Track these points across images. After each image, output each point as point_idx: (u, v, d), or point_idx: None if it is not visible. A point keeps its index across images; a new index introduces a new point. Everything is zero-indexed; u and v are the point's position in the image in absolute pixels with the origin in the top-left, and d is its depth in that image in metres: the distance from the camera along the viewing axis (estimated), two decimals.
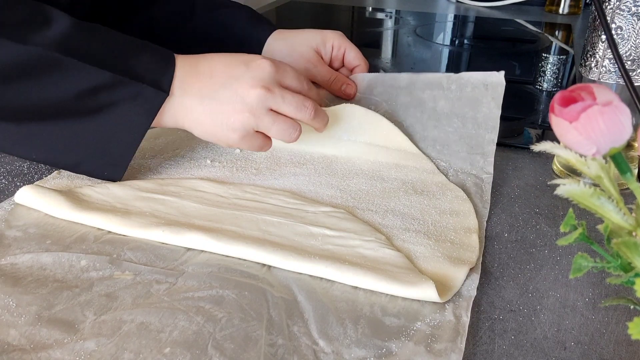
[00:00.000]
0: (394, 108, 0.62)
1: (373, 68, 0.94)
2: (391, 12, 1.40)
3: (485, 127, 0.58)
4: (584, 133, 0.24)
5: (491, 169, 0.55)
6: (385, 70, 0.92)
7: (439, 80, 0.62)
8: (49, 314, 0.36)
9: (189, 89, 0.49)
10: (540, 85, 0.88)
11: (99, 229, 0.45)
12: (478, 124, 0.58)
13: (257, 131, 0.50)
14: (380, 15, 1.37)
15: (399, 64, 0.96)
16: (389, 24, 1.28)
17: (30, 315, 0.36)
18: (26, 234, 0.44)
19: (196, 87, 0.49)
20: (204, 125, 0.50)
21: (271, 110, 0.50)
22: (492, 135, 0.57)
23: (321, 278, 0.40)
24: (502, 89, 0.59)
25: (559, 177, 0.57)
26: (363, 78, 0.66)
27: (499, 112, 0.58)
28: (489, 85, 0.60)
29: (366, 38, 1.19)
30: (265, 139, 0.52)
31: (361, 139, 0.59)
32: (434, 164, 0.57)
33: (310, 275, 0.41)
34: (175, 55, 0.51)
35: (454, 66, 1.00)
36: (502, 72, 0.60)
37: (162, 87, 0.48)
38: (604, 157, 0.25)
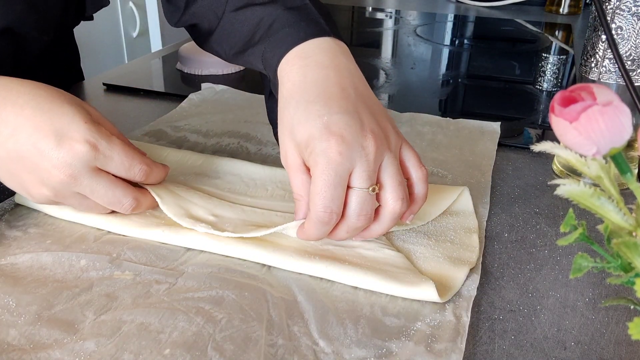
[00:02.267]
0: None
1: (373, 68, 0.94)
2: (391, 12, 1.40)
3: (482, 156, 0.60)
4: (584, 133, 0.24)
5: (489, 179, 0.55)
6: (385, 71, 0.92)
7: (437, 121, 0.68)
8: (48, 314, 0.36)
9: None
10: (540, 85, 0.88)
11: (98, 229, 0.45)
12: (475, 154, 0.61)
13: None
14: (380, 15, 1.37)
15: (399, 64, 0.96)
16: (389, 24, 1.28)
17: (30, 315, 0.36)
18: (26, 234, 0.44)
19: None
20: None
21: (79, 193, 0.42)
22: (490, 161, 0.59)
23: (321, 278, 0.40)
24: (497, 136, 0.64)
25: (559, 177, 0.57)
26: None
27: (495, 147, 0.62)
28: (486, 132, 0.65)
29: (366, 38, 1.19)
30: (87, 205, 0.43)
31: None
32: (434, 174, 0.57)
33: (310, 276, 0.41)
34: None
35: (454, 66, 1.00)
36: (499, 123, 0.67)
37: None
38: (604, 157, 0.25)
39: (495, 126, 0.66)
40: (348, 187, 0.38)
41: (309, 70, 0.42)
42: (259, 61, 0.47)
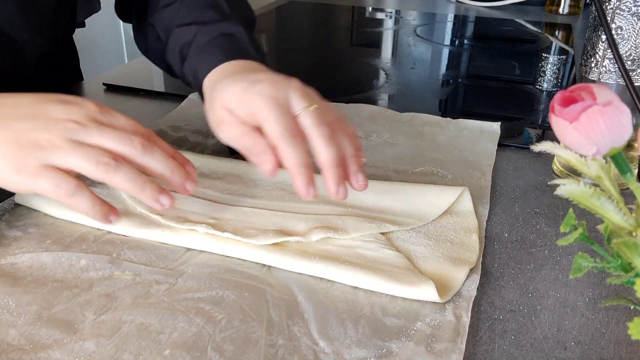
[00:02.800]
0: (394, 136, 0.64)
1: (373, 68, 0.94)
2: (391, 12, 1.40)
3: (482, 156, 0.60)
4: (584, 133, 0.24)
5: (489, 179, 0.55)
6: (385, 71, 0.92)
7: (438, 121, 0.68)
8: (48, 314, 0.36)
9: None
10: (540, 85, 0.88)
11: (98, 229, 0.45)
12: (475, 154, 0.61)
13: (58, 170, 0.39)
14: (380, 15, 1.37)
15: (399, 64, 0.96)
16: (389, 24, 1.28)
17: (30, 315, 0.36)
18: (26, 234, 0.44)
19: None
20: None
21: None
22: (489, 161, 0.59)
23: (321, 278, 0.40)
24: (497, 136, 0.64)
25: (559, 177, 0.57)
26: (365, 108, 0.71)
27: (495, 147, 0.62)
28: (485, 132, 0.65)
29: (366, 38, 1.19)
30: (78, 189, 0.39)
31: None
32: (434, 174, 0.57)
33: (311, 276, 0.41)
34: None
35: (454, 66, 1.00)
36: (499, 123, 0.67)
37: None
38: (604, 157, 0.25)
39: (495, 126, 0.66)
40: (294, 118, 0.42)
41: (231, 66, 0.49)
42: (190, 74, 0.53)
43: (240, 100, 0.42)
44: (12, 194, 0.49)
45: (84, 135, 0.39)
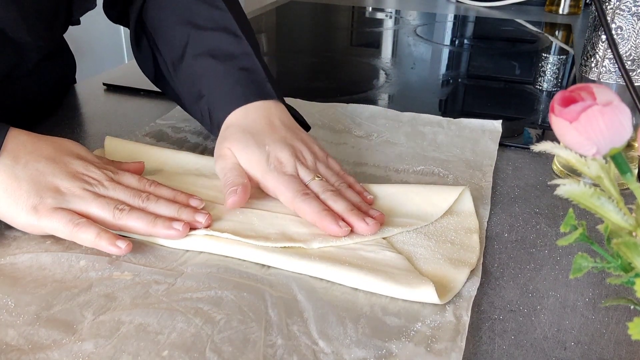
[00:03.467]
0: (395, 136, 0.64)
1: (373, 68, 0.94)
2: (391, 12, 1.40)
3: (483, 156, 0.60)
4: (584, 133, 0.24)
5: (490, 179, 0.55)
6: (385, 71, 0.92)
7: (439, 121, 0.68)
8: (47, 314, 0.36)
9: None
10: (540, 85, 0.88)
11: None
12: (476, 153, 0.60)
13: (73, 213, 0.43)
14: (380, 15, 1.37)
15: (399, 64, 0.96)
16: (389, 24, 1.28)
17: (29, 315, 0.36)
18: (26, 234, 0.44)
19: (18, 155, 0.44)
20: None
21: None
22: (490, 161, 0.59)
23: (321, 278, 0.40)
24: (499, 135, 0.64)
25: (559, 177, 0.57)
26: (366, 108, 0.71)
27: (496, 146, 0.62)
28: (487, 131, 0.65)
29: (366, 38, 1.19)
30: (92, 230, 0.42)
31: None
32: (435, 174, 0.57)
33: (311, 275, 0.41)
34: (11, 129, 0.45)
35: (454, 66, 1.00)
36: (500, 121, 0.66)
37: None
38: (604, 157, 0.25)
39: (497, 124, 0.66)
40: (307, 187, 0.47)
41: (249, 113, 0.52)
42: (206, 111, 0.55)
43: (255, 169, 0.49)
44: None
45: (102, 190, 0.45)
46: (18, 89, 0.62)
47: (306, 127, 0.58)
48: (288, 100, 0.73)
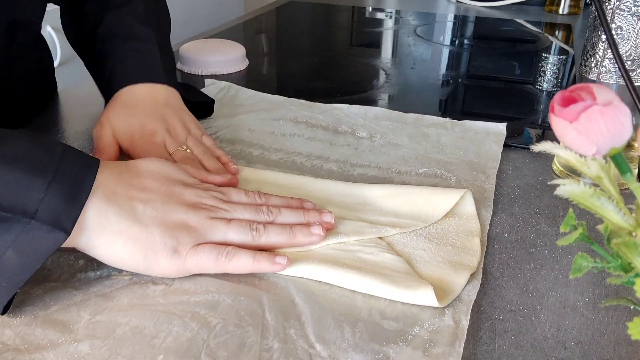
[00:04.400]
0: (398, 137, 0.64)
1: (373, 68, 0.94)
2: (391, 12, 1.40)
3: (486, 158, 0.60)
4: (584, 133, 0.24)
5: (493, 182, 0.55)
6: (385, 71, 0.92)
7: (443, 122, 0.68)
8: (44, 314, 0.36)
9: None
10: (540, 85, 0.88)
11: None
12: (480, 155, 0.60)
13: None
14: (380, 15, 1.37)
15: (399, 64, 0.96)
16: (389, 24, 1.28)
17: (26, 315, 0.36)
18: None
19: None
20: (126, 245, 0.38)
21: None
22: (494, 163, 0.58)
23: (320, 281, 0.40)
24: (503, 137, 0.64)
25: (559, 177, 0.57)
26: (369, 110, 0.70)
27: (500, 149, 0.61)
28: (491, 133, 0.65)
29: (366, 38, 1.19)
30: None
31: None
32: (437, 176, 0.56)
33: (309, 278, 0.40)
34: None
35: (454, 66, 1.00)
36: (504, 124, 0.66)
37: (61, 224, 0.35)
38: (604, 157, 0.25)
39: (501, 127, 0.65)
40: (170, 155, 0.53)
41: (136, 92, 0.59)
42: (106, 84, 0.61)
43: (124, 137, 0.55)
44: None
45: (226, 214, 0.42)
46: (7, 74, 0.61)
47: (207, 113, 0.67)
48: (288, 100, 0.73)
